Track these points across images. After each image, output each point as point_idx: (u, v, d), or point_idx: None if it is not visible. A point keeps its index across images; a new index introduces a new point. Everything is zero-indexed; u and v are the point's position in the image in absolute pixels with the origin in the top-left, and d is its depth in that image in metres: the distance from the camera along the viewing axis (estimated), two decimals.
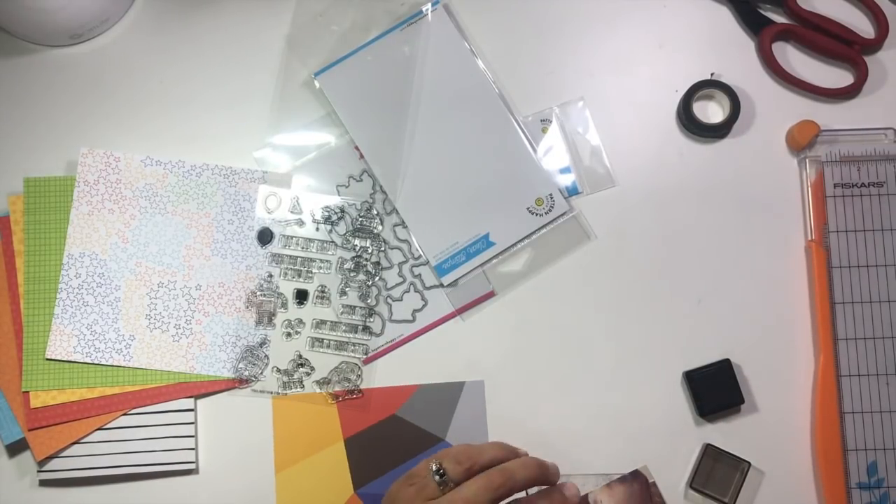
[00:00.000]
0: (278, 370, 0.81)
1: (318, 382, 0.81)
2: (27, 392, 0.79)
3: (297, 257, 0.83)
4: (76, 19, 0.82)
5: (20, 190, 0.82)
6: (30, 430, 0.79)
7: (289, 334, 0.82)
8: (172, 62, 0.86)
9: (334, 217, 0.83)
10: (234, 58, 0.86)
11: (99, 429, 0.79)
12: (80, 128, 0.84)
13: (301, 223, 0.83)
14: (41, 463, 0.79)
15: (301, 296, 0.82)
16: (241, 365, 0.81)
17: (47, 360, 0.80)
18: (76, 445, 0.79)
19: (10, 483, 0.80)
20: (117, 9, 0.85)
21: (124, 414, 0.80)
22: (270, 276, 0.82)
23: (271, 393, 0.81)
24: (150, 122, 0.85)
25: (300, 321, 0.82)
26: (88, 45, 0.86)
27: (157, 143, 0.84)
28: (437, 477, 0.65)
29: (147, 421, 0.79)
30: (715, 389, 0.79)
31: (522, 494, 0.69)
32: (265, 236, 0.83)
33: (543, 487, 0.69)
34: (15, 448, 0.80)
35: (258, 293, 0.82)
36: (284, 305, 0.82)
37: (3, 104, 0.85)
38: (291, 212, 0.83)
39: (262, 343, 0.81)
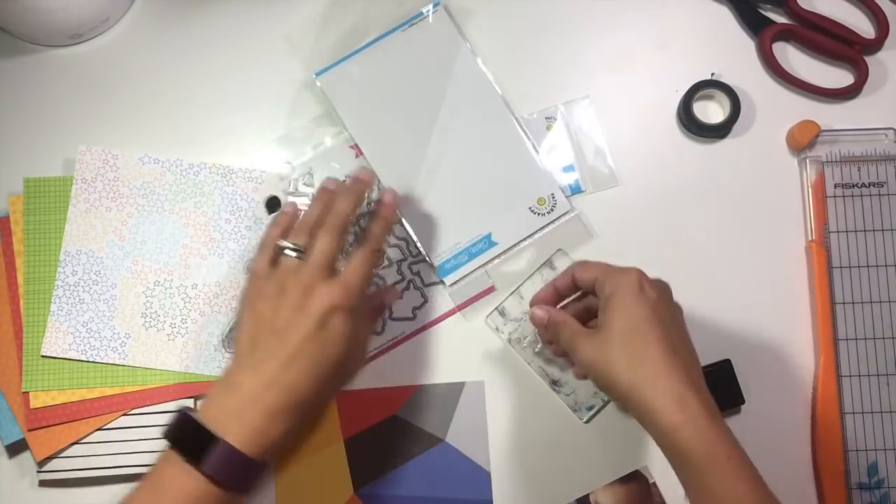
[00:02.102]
0: None
1: None
2: (27, 392, 0.79)
3: None
4: (76, 19, 0.82)
5: (20, 190, 0.82)
6: (30, 431, 0.78)
7: None
8: (172, 62, 0.86)
9: None
10: (234, 58, 0.85)
11: (99, 429, 0.79)
12: (80, 127, 0.84)
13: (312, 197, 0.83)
14: (41, 463, 0.78)
15: None
16: (232, 333, 0.81)
17: (43, 356, 0.79)
18: (76, 446, 0.79)
19: (10, 483, 0.80)
20: (117, 9, 0.85)
21: (124, 414, 0.79)
22: None
23: None
24: (149, 122, 0.85)
25: None
26: (88, 45, 0.86)
27: (156, 142, 0.84)
28: (294, 254, 0.69)
29: (147, 421, 0.79)
30: (715, 389, 0.79)
31: None
32: (273, 204, 0.83)
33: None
34: (15, 448, 0.80)
35: None
36: None
37: (3, 104, 0.85)
38: (305, 184, 0.83)
39: None
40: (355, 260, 0.70)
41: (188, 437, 0.63)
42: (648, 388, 0.64)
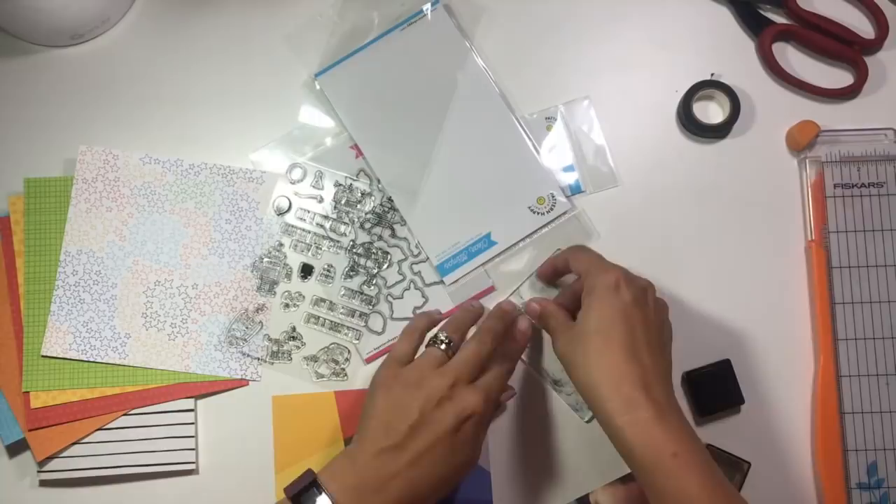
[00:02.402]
0: (269, 338, 0.81)
1: (306, 358, 0.81)
2: (27, 392, 0.79)
3: (309, 231, 0.83)
4: (77, 20, 0.82)
5: (20, 190, 0.82)
6: (30, 431, 0.78)
7: (287, 305, 0.82)
8: (172, 62, 0.86)
9: (354, 199, 0.83)
10: (234, 58, 0.86)
11: (99, 429, 0.79)
12: (80, 127, 0.84)
13: (321, 199, 0.83)
14: (41, 463, 0.78)
15: (306, 270, 0.83)
16: (234, 325, 0.81)
17: (43, 356, 0.79)
18: (76, 446, 0.79)
19: (11, 483, 0.80)
20: (117, 9, 0.85)
21: (124, 414, 0.79)
22: (280, 245, 0.83)
23: (258, 359, 0.81)
24: (149, 122, 0.85)
25: (300, 295, 0.82)
26: (89, 46, 0.86)
27: (157, 142, 0.84)
28: (443, 346, 0.71)
29: (147, 421, 0.79)
30: (715, 389, 0.79)
31: None
32: (283, 207, 0.83)
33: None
34: (15, 448, 0.80)
35: (265, 259, 0.82)
36: (288, 276, 0.82)
37: (3, 104, 0.85)
38: (313, 187, 0.83)
39: (259, 309, 0.81)
40: (495, 372, 0.72)
41: (313, 501, 0.65)
42: (601, 388, 0.66)
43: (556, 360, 0.79)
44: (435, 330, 0.75)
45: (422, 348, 0.74)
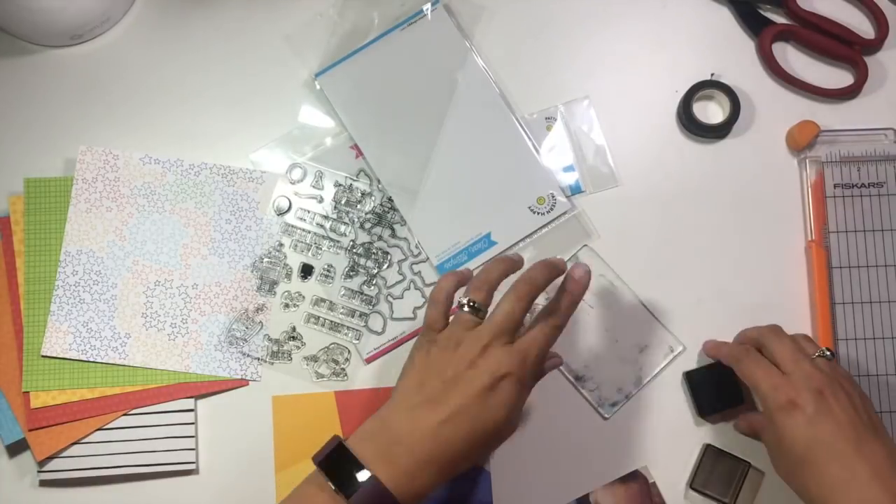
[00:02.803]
0: (269, 338, 0.82)
1: (306, 358, 0.81)
2: (27, 392, 0.79)
3: (309, 231, 0.83)
4: (77, 20, 0.82)
5: (20, 190, 0.82)
6: (30, 431, 0.78)
7: (287, 305, 0.82)
8: (172, 62, 0.86)
9: (354, 199, 0.83)
10: (234, 58, 0.86)
11: (99, 429, 0.79)
12: (81, 127, 0.84)
13: (321, 199, 0.83)
14: (41, 463, 0.78)
15: (306, 270, 0.83)
16: (234, 325, 0.81)
17: (43, 356, 0.79)
18: (76, 446, 0.79)
19: (11, 483, 0.80)
20: (117, 9, 0.85)
21: (124, 414, 0.79)
22: (280, 245, 0.83)
23: (258, 359, 0.81)
24: (149, 122, 0.85)
25: (300, 295, 0.82)
26: (89, 46, 0.86)
27: (157, 142, 0.84)
28: (468, 309, 0.68)
29: (147, 421, 0.79)
30: (715, 389, 0.79)
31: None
32: (284, 207, 0.83)
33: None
34: (15, 448, 0.80)
35: (265, 259, 0.82)
36: (288, 276, 0.82)
37: (3, 104, 0.85)
38: (313, 187, 0.83)
39: (259, 309, 0.81)
40: (537, 331, 0.69)
41: (341, 467, 0.63)
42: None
43: (579, 354, 0.79)
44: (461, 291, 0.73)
45: None
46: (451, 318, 0.70)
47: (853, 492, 0.65)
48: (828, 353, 0.72)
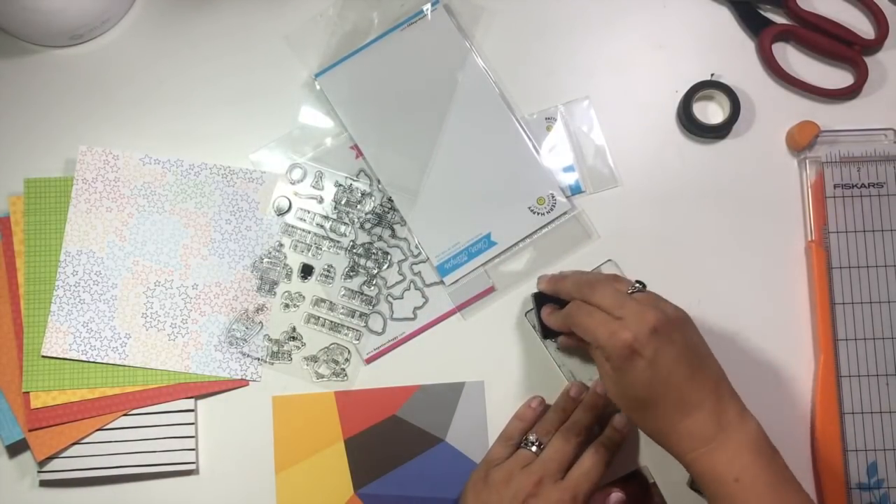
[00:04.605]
0: (269, 339, 0.82)
1: (306, 359, 0.81)
2: (27, 392, 0.79)
3: (309, 232, 0.83)
4: (77, 20, 0.82)
5: (20, 190, 0.82)
6: (30, 431, 0.79)
7: (287, 306, 0.82)
8: (173, 62, 0.86)
9: (354, 200, 0.83)
10: (234, 58, 0.86)
11: (99, 429, 0.79)
12: (81, 127, 0.84)
13: (321, 200, 0.83)
14: (41, 463, 0.79)
15: (306, 271, 0.83)
16: (234, 326, 0.81)
17: (43, 357, 0.79)
18: (76, 446, 0.79)
19: (11, 484, 0.80)
20: (118, 9, 0.85)
21: (124, 414, 0.80)
22: (280, 245, 0.83)
23: (258, 359, 0.81)
24: (149, 122, 0.85)
25: (300, 295, 0.82)
26: (89, 46, 0.86)
27: (157, 142, 0.84)
28: (534, 448, 0.74)
29: (147, 421, 0.79)
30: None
31: None
32: (284, 207, 0.83)
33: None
34: (15, 448, 0.80)
35: (265, 259, 0.82)
36: (288, 277, 0.82)
37: (3, 104, 0.85)
38: (313, 187, 0.83)
39: (259, 309, 0.81)
40: (587, 464, 0.72)
41: None
42: (664, 437, 0.69)
43: (587, 367, 0.81)
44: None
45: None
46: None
47: (687, 421, 0.67)
48: (638, 284, 0.72)
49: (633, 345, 0.66)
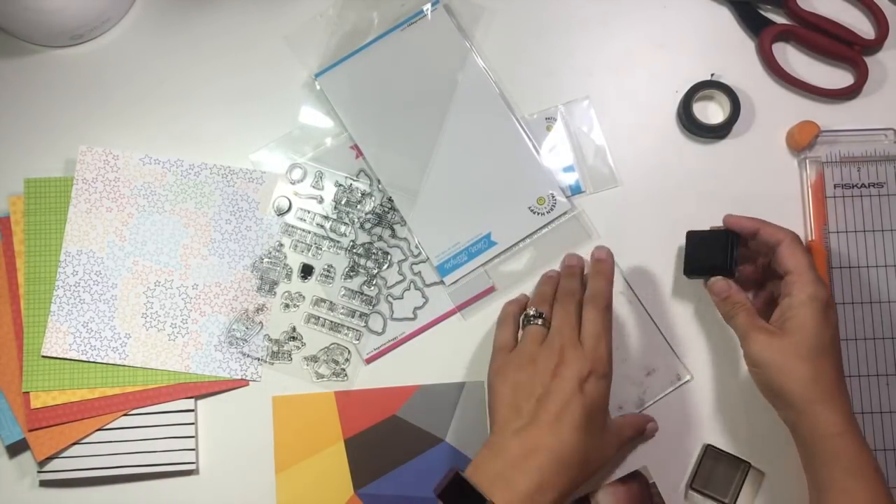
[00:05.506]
0: (270, 339, 0.82)
1: (306, 359, 0.82)
2: (27, 392, 0.79)
3: (309, 232, 0.83)
4: (77, 20, 0.82)
5: (20, 190, 0.82)
6: (30, 431, 0.79)
7: (287, 306, 0.82)
8: (173, 62, 0.86)
9: (354, 200, 0.83)
10: (234, 58, 0.86)
11: (99, 429, 0.79)
12: (81, 127, 0.84)
13: (321, 200, 0.83)
14: (41, 463, 0.79)
15: (306, 271, 0.83)
16: (234, 326, 0.81)
17: (43, 357, 0.79)
18: (76, 446, 0.79)
19: (11, 484, 0.80)
20: (118, 9, 0.85)
21: (124, 414, 0.80)
22: (280, 245, 0.83)
23: (258, 359, 0.81)
24: (149, 122, 0.85)
25: (300, 295, 0.82)
26: (89, 46, 0.86)
27: (157, 142, 0.84)
28: (539, 321, 0.75)
29: (147, 421, 0.79)
30: (706, 252, 0.78)
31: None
32: (284, 207, 0.84)
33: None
34: (15, 449, 0.80)
35: (265, 259, 0.82)
36: (288, 277, 0.83)
37: (3, 104, 0.85)
38: (313, 187, 0.83)
39: (260, 309, 0.81)
40: (590, 323, 0.73)
41: (460, 497, 0.66)
42: (820, 405, 0.69)
43: None
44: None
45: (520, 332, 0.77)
46: (520, 335, 0.76)
47: (833, 374, 0.70)
48: None
49: (830, 301, 0.71)
